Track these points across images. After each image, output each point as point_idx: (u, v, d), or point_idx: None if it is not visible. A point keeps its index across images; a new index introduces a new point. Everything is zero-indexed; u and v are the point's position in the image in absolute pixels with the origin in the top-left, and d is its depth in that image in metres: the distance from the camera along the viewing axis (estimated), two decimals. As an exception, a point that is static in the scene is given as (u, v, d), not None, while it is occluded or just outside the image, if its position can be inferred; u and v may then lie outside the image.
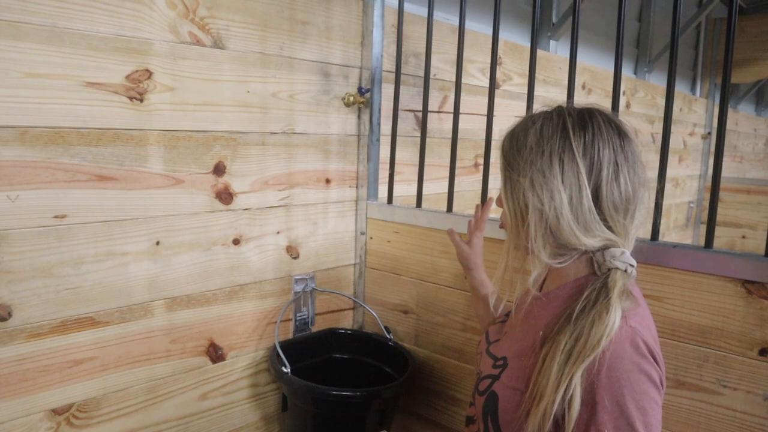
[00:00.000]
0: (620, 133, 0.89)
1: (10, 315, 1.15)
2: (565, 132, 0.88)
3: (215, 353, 1.49)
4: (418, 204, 1.68)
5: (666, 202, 4.26)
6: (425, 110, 1.65)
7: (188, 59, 1.35)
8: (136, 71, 1.27)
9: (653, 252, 1.23)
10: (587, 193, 0.85)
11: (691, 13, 3.61)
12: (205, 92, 1.39)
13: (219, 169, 1.44)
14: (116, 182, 1.27)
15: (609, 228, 0.88)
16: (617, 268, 0.87)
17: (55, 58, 1.15)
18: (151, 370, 1.37)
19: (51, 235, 1.19)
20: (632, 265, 0.88)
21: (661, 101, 3.66)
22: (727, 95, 1.24)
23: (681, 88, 4.02)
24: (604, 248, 0.88)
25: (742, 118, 4.98)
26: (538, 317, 0.94)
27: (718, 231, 1.27)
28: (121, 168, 1.27)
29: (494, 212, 1.21)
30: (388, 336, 1.69)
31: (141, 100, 1.29)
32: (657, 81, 3.56)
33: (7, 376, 1.16)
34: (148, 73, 1.29)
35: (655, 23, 3.49)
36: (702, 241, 1.23)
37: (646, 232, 1.29)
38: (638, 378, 0.80)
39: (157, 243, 1.35)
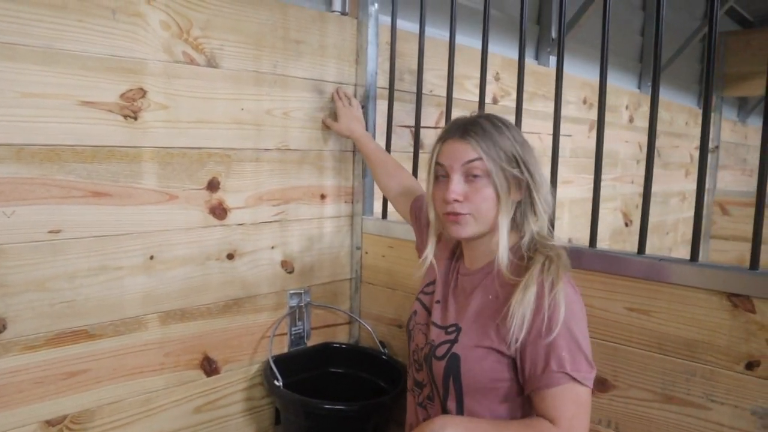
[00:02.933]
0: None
1: (4, 327, 1.18)
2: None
3: (209, 366, 1.51)
4: (412, 219, 1.69)
5: (673, 217, 4.21)
6: (418, 126, 1.67)
7: (182, 78, 1.39)
8: (130, 90, 1.31)
9: (639, 265, 1.23)
10: None
11: (695, 27, 3.62)
12: (199, 110, 1.43)
13: (213, 185, 1.47)
14: (111, 198, 1.30)
15: None
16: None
17: (51, 78, 1.19)
18: (145, 383, 1.39)
19: (46, 249, 1.22)
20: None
21: (665, 115, 3.67)
22: (708, 110, 1.24)
23: (687, 102, 4.01)
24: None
25: (751, 131, 4.94)
26: (483, 286, 1.11)
27: (727, 245, 1.28)
28: (116, 184, 1.30)
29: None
30: (382, 350, 1.70)
31: (135, 118, 1.32)
32: (662, 95, 3.56)
33: (1, 387, 1.18)
34: (142, 92, 1.33)
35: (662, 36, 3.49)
36: (711, 256, 1.23)
37: (633, 245, 1.30)
38: (580, 309, 1.04)
39: (151, 257, 1.38)
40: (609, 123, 3.08)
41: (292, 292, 1.67)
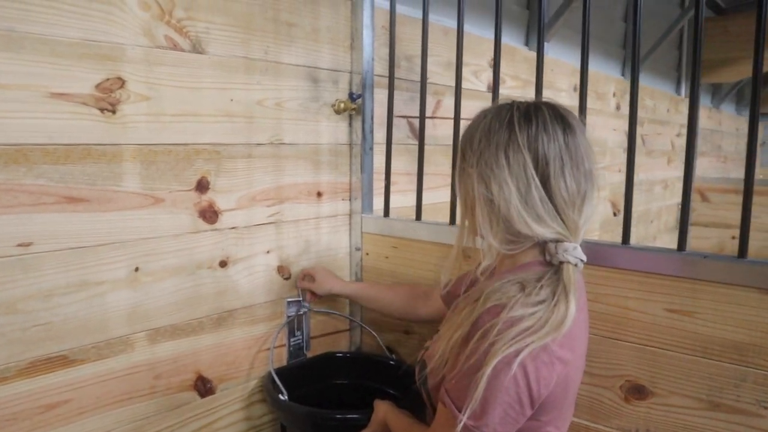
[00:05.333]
0: (565, 127, 0.91)
1: (-31, 358, 1.01)
2: (511, 126, 0.91)
3: (204, 387, 1.36)
4: (418, 216, 1.56)
5: (656, 205, 4.18)
6: (422, 116, 1.54)
7: (165, 65, 1.23)
8: (107, 80, 1.14)
9: (681, 263, 1.13)
10: (536, 184, 0.89)
11: (675, 14, 3.57)
12: (185, 101, 1.27)
13: (202, 186, 1.32)
14: (88, 204, 1.14)
15: (563, 221, 0.91)
16: (569, 262, 0.91)
17: (15, 66, 1.02)
18: (134, 410, 1.24)
19: (15, 266, 1.05)
20: (582, 261, 0.93)
21: (649, 102, 3.62)
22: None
23: (666, 89, 3.98)
24: (557, 241, 0.92)
25: (725, 117, 4.97)
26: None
27: (707, 232, 1.20)
28: (93, 188, 1.14)
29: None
30: (390, 355, 1.57)
31: (113, 112, 1.16)
32: (644, 82, 3.51)
33: (-33, 427, 1.02)
34: (121, 82, 1.16)
35: (642, 23, 3.43)
36: (692, 244, 1.14)
37: (673, 242, 1.20)
38: (514, 387, 0.85)
39: (136, 269, 1.22)
40: (598, 111, 3.01)
41: (289, 300, 1.53)
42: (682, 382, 1.15)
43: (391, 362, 1.55)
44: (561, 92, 2.62)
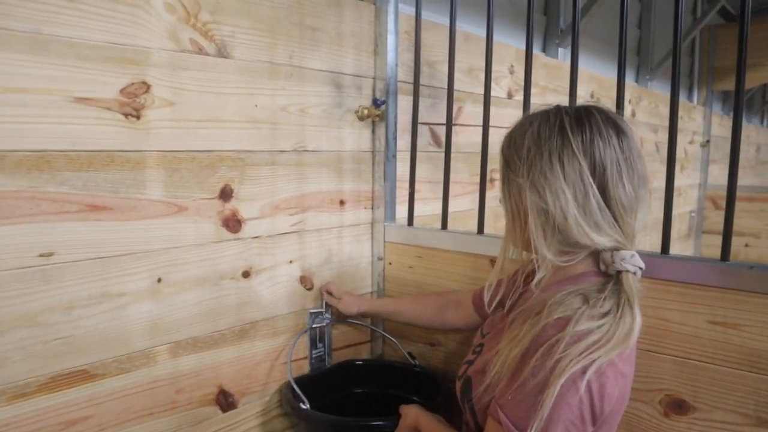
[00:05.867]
0: (618, 131, 0.88)
1: (-11, 373, 0.97)
2: (563, 131, 0.87)
3: (225, 401, 1.32)
4: (444, 225, 1.52)
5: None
6: (449, 123, 1.51)
7: (190, 70, 1.19)
8: (132, 84, 1.11)
9: (725, 273, 1.09)
10: (594, 191, 0.85)
11: (687, 22, 3.55)
12: (209, 107, 1.23)
13: (225, 194, 1.28)
14: (111, 212, 1.10)
15: (620, 228, 0.88)
16: (628, 271, 0.88)
17: (39, 69, 0.99)
18: (155, 426, 1.20)
19: (36, 277, 1.01)
20: (641, 268, 0.89)
21: (664, 109, 3.59)
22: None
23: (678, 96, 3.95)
24: (614, 249, 0.89)
25: (735, 125, 4.93)
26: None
27: (719, 240, 1.16)
28: (116, 196, 1.10)
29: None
30: (412, 362, 1.52)
31: (138, 117, 1.12)
32: (659, 89, 3.48)
33: (-14, 445, 0.98)
34: (146, 86, 1.13)
35: (655, 30, 3.41)
36: (703, 251, 1.11)
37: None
38: (578, 404, 0.81)
39: (159, 280, 1.18)
40: (613, 118, 2.98)
41: (312, 311, 1.48)
42: (727, 397, 1.11)
43: (416, 368, 1.51)
44: (578, 99, 2.58)
